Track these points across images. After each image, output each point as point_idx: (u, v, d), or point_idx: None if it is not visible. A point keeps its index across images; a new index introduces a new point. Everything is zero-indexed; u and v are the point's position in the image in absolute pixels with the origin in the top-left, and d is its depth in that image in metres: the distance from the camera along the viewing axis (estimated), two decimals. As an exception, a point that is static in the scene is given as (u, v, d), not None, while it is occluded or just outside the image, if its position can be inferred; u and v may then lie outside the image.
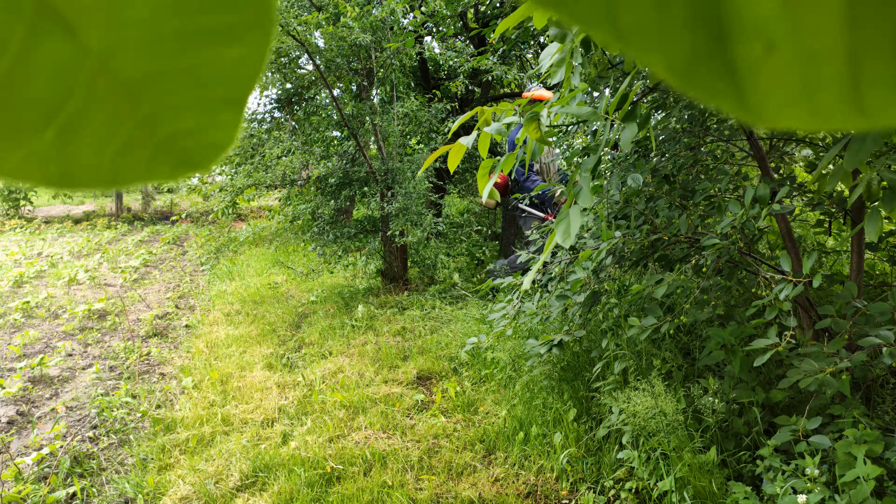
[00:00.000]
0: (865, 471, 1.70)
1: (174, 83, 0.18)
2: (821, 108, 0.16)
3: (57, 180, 0.19)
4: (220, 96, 0.19)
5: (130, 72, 0.18)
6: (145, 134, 0.19)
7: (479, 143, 1.50)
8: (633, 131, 1.23)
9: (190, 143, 0.20)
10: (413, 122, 5.79)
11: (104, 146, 0.19)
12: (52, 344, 4.77)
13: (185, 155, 0.20)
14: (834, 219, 2.67)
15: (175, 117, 0.19)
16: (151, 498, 2.60)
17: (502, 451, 2.74)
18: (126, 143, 0.19)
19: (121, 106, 0.18)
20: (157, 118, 0.19)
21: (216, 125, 0.19)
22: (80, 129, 0.19)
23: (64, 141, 0.19)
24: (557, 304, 2.59)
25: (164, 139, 0.19)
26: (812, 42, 0.16)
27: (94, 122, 0.18)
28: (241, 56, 0.18)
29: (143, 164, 0.20)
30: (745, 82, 0.16)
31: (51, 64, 0.17)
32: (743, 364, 2.14)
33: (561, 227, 1.21)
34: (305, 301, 5.59)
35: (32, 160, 0.19)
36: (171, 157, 0.20)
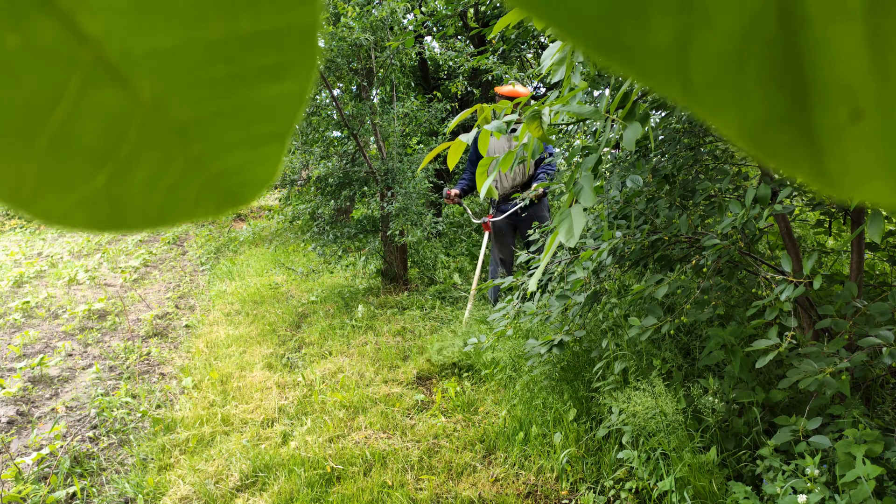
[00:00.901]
0: (865, 471, 1.70)
1: (223, 123, 0.18)
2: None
3: (106, 224, 0.19)
4: (266, 132, 0.19)
5: (181, 116, 0.18)
6: (193, 174, 0.19)
7: (478, 141, 1.50)
8: (636, 130, 1.23)
9: (236, 179, 0.20)
10: (413, 122, 5.79)
11: (153, 189, 0.19)
12: (52, 344, 4.77)
13: (230, 191, 0.20)
14: (834, 219, 2.67)
15: (223, 155, 0.19)
16: (151, 498, 2.60)
17: (502, 451, 2.74)
18: (174, 184, 0.19)
19: (171, 149, 0.18)
20: (204, 158, 0.19)
21: (261, 160, 0.19)
22: (130, 173, 0.19)
23: (114, 185, 0.19)
24: (557, 304, 2.59)
25: (211, 178, 0.19)
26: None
27: (144, 166, 0.19)
28: (286, 93, 0.18)
29: (189, 202, 0.20)
30: (824, 150, 0.15)
31: (103, 113, 0.17)
32: (743, 364, 2.14)
33: (563, 227, 1.21)
34: (305, 301, 5.59)
35: (83, 206, 0.19)
36: (216, 194, 0.20)
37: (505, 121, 1.45)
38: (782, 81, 0.15)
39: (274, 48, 0.17)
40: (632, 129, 1.24)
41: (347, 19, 4.99)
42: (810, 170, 0.16)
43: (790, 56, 0.15)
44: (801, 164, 0.16)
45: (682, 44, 0.15)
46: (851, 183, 0.16)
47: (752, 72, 0.15)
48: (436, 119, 5.81)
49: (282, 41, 0.17)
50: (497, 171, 1.40)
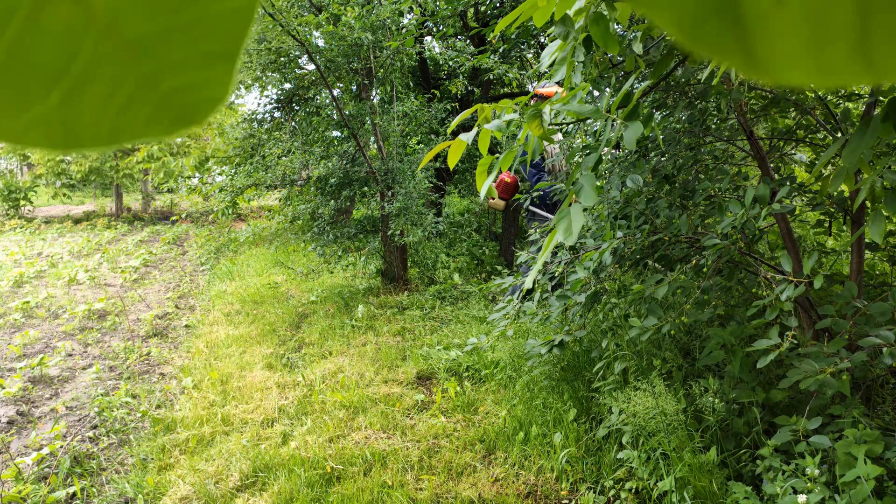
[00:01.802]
0: (865, 471, 1.70)
1: (174, 39, 0.18)
2: (829, 63, 0.16)
3: (61, 142, 0.19)
4: (216, 50, 0.19)
5: (134, 31, 0.18)
6: (146, 92, 0.19)
7: (479, 141, 1.50)
8: (637, 130, 1.23)
9: (188, 98, 0.20)
10: (413, 122, 5.79)
11: (106, 106, 0.19)
12: (52, 344, 4.77)
13: (183, 110, 0.20)
14: (834, 219, 2.67)
15: (174, 73, 0.19)
16: (151, 498, 2.60)
17: (502, 451, 2.74)
18: (127, 102, 0.19)
19: (124, 66, 0.19)
20: (157, 75, 0.19)
21: (212, 79, 0.20)
22: (83, 91, 0.19)
23: (68, 103, 0.19)
24: (558, 305, 2.59)
25: (164, 96, 0.20)
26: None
27: (97, 83, 0.19)
28: (234, 7, 0.18)
29: (142, 121, 0.20)
30: (753, 37, 0.16)
31: (58, 28, 0.18)
32: (743, 364, 2.14)
33: (562, 225, 1.21)
34: (305, 301, 5.58)
35: (37, 124, 0.19)
36: (169, 112, 0.20)
37: (505, 120, 1.45)
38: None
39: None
40: (633, 128, 1.24)
41: (348, 19, 4.99)
42: (740, 57, 0.16)
43: None
44: (732, 53, 0.16)
45: None
46: (778, 66, 0.16)
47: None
48: (436, 119, 5.81)
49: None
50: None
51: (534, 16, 1.30)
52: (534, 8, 1.35)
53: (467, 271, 6.16)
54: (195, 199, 10.26)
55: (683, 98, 2.51)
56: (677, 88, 2.49)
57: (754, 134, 2.43)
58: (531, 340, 2.77)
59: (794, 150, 2.84)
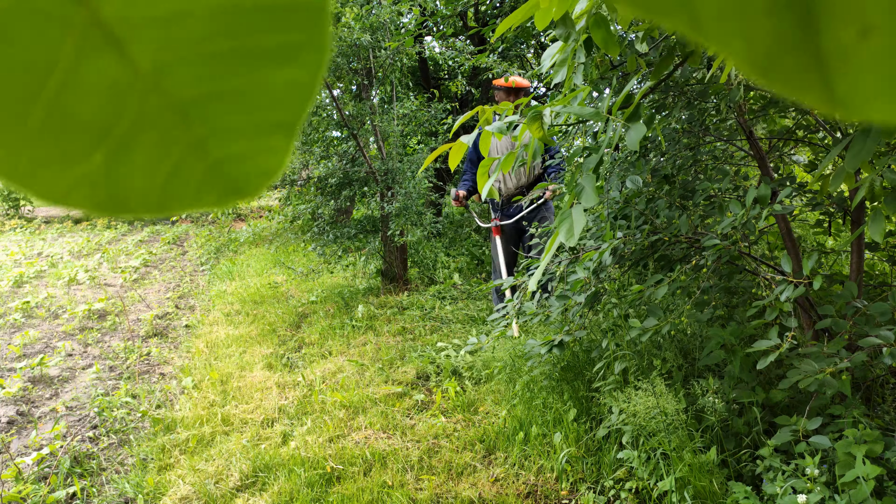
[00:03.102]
0: (865, 471, 1.71)
1: (226, 105, 0.18)
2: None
3: (107, 205, 0.19)
4: (273, 120, 0.18)
5: (182, 92, 0.17)
6: (196, 158, 0.18)
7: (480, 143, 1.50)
8: (640, 131, 1.23)
9: (239, 169, 0.19)
10: (413, 123, 5.79)
11: (154, 171, 0.18)
12: (52, 344, 4.77)
13: (234, 182, 0.19)
14: (833, 219, 2.67)
15: (226, 141, 0.18)
16: (151, 498, 2.60)
17: (502, 451, 2.74)
18: (176, 167, 0.19)
19: (172, 128, 0.18)
20: (208, 142, 0.18)
21: (266, 151, 0.19)
22: (130, 151, 0.18)
23: (114, 164, 0.18)
24: (558, 305, 2.59)
25: (214, 164, 0.19)
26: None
27: (144, 144, 0.18)
28: (295, 79, 0.17)
29: (191, 189, 0.19)
30: (832, 72, 0.15)
31: (100, 83, 0.17)
32: (743, 364, 2.14)
33: (564, 227, 1.21)
34: (305, 301, 5.59)
35: (82, 184, 0.18)
36: (219, 183, 0.19)
37: (506, 122, 1.45)
38: (788, 6, 0.15)
39: (280, 26, 0.17)
40: (636, 130, 1.24)
41: (347, 19, 4.99)
42: (819, 93, 0.15)
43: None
44: (810, 89, 0.15)
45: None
46: (860, 103, 0.15)
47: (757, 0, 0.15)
48: (436, 119, 5.81)
49: (289, 19, 0.17)
50: (500, 173, 1.40)
51: (535, 18, 1.30)
52: (534, 8, 1.35)
53: (467, 271, 6.16)
54: (195, 199, 10.25)
55: (682, 98, 2.52)
56: (676, 89, 2.49)
57: (754, 134, 2.44)
58: (531, 341, 2.78)
59: (793, 151, 2.85)
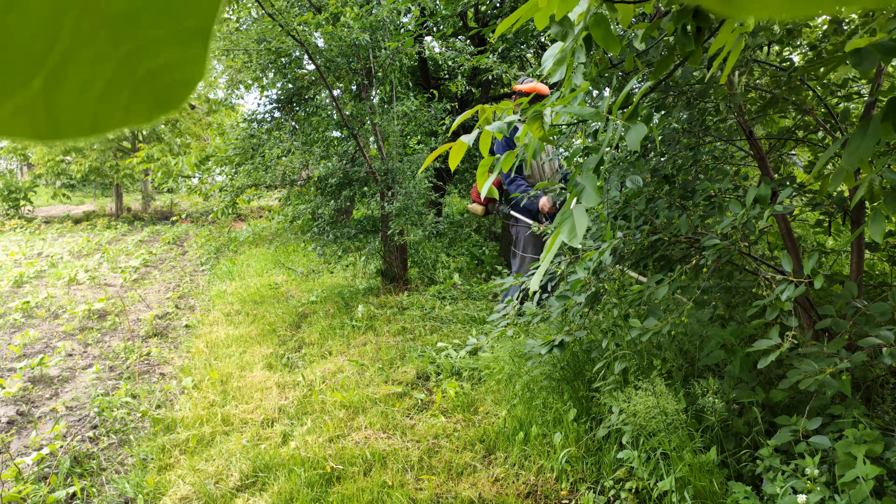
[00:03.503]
0: (865, 471, 1.71)
1: (151, 16, 0.18)
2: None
3: (45, 132, 0.19)
4: (190, 28, 0.19)
5: (113, 8, 0.18)
6: (125, 74, 0.19)
7: (479, 142, 1.50)
8: (641, 132, 1.23)
9: (164, 79, 0.20)
10: (413, 123, 5.78)
11: (87, 92, 0.19)
12: (52, 344, 4.77)
13: (160, 93, 0.20)
14: (833, 219, 2.67)
15: (151, 54, 0.19)
16: (151, 498, 2.60)
17: (502, 451, 2.74)
18: (107, 86, 0.19)
19: (104, 46, 0.18)
20: (135, 56, 0.19)
21: (187, 60, 0.19)
22: (65, 74, 0.18)
23: (51, 89, 0.18)
24: (558, 305, 2.59)
25: (142, 78, 0.19)
26: None
27: (78, 65, 0.18)
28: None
29: (121, 107, 0.20)
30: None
31: (40, 7, 0.17)
32: (743, 364, 2.14)
33: (566, 226, 1.21)
34: (305, 301, 5.58)
35: (22, 112, 0.19)
36: (147, 97, 0.20)
37: (506, 121, 1.45)
38: None
39: None
40: (636, 129, 1.24)
41: (347, 19, 4.99)
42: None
43: None
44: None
45: None
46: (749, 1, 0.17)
47: None
48: (435, 119, 5.81)
49: None
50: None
51: (535, 18, 1.30)
52: (534, 9, 1.35)
53: (467, 271, 6.16)
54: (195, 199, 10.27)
55: (682, 98, 2.52)
56: (676, 89, 2.49)
57: (754, 134, 2.44)
58: (531, 341, 2.77)
59: (793, 152, 2.85)
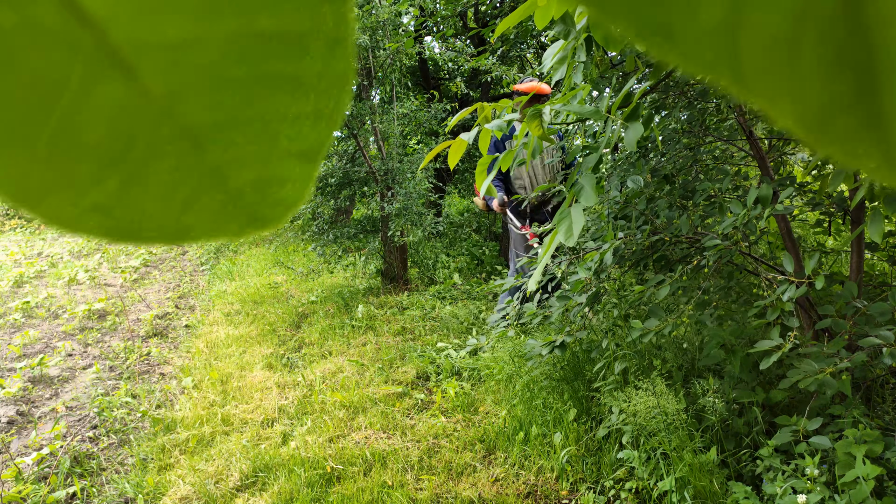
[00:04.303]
0: (865, 471, 1.70)
1: (242, 133, 0.17)
2: None
3: (121, 234, 0.18)
4: (292, 150, 0.17)
5: (196, 119, 0.17)
6: (212, 186, 0.18)
7: (479, 140, 1.50)
8: (638, 131, 1.23)
9: (259, 198, 0.18)
10: (413, 123, 5.79)
11: (170, 199, 0.18)
12: (52, 344, 4.77)
13: (254, 211, 0.19)
14: (834, 219, 2.67)
15: (243, 170, 0.18)
16: (151, 498, 2.60)
17: (502, 451, 2.74)
18: (192, 195, 0.18)
19: (186, 155, 0.17)
20: (224, 170, 0.18)
21: (286, 180, 0.18)
22: (144, 179, 0.17)
23: (127, 191, 0.17)
24: (558, 305, 2.59)
25: (233, 193, 0.18)
26: None
27: (158, 171, 0.17)
28: (315, 109, 0.17)
29: (210, 218, 0.18)
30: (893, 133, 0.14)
31: (110, 108, 0.16)
32: (743, 364, 2.14)
33: (563, 226, 1.21)
34: (305, 301, 5.58)
35: (94, 212, 0.18)
36: (239, 212, 0.18)
37: (505, 120, 1.45)
38: (844, 63, 0.13)
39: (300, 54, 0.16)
40: (633, 129, 1.24)
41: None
42: (881, 158, 0.14)
43: (853, 34, 0.13)
44: (869, 153, 0.14)
45: (732, 26, 0.13)
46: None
47: (809, 54, 0.13)
48: (436, 119, 5.81)
49: (306, 46, 0.16)
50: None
51: (535, 18, 1.30)
52: (533, 6, 1.35)
53: (467, 271, 6.16)
54: (195, 199, 10.26)
55: (683, 98, 2.51)
56: (676, 89, 2.49)
57: (754, 134, 2.43)
58: (531, 341, 2.77)
59: (794, 150, 2.84)
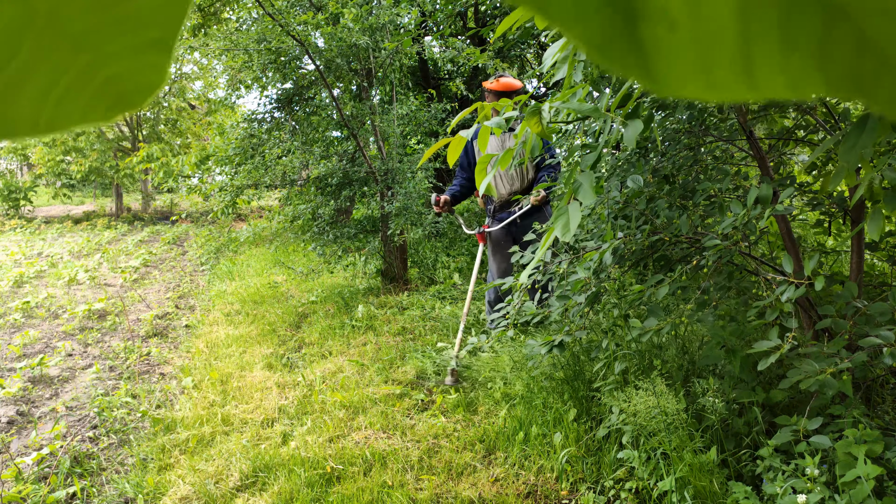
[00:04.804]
0: (865, 471, 1.70)
1: (110, 31, 0.19)
2: (717, 82, 0.19)
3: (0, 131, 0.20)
4: (150, 39, 0.20)
5: (74, 27, 0.19)
6: (84, 81, 0.20)
7: (478, 138, 1.50)
8: (637, 128, 1.23)
9: (125, 84, 0.21)
10: (413, 123, 5.78)
11: (45, 98, 0.20)
12: (52, 344, 4.77)
13: (119, 96, 0.21)
14: (834, 219, 2.66)
15: (111, 63, 0.20)
16: (151, 498, 2.60)
17: (502, 451, 2.74)
18: (65, 92, 0.20)
19: (63, 59, 0.19)
20: (94, 66, 0.20)
21: (148, 67, 0.20)
22: (23, 82, 0.19)
23: (6, 95, 0.20)
24: (558, 305, 2.59)
25: (101, 84, 0.20)
26: (708, 25, 0.18)
27: (37, 77, 0.19)
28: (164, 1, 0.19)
29: (79, 110, 0.21)
30: (651, 57, 0.19)
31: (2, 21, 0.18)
32: (743, 364, 2.14)
33: (560, 222, 1.21)
34: (305, 301, 5.58)
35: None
36: (106, 99, 0.21)
37: (505, 117, 1.45)
38: (615, 4, 0.19)
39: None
40: (633, 126, 1.24)
41: (346, 21, 4.99)
42: (642, 74, 0.19)
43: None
44: (634, 70, 0.19)
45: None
46: (673, 83, 0.19)
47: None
48: (435, 119, 5.81)
49: None
50: (494, 177, 1.41)
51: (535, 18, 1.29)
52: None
53: (467, 271, 6.16)
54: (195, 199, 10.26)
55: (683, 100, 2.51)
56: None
57: (754, 134, 2.43)
58: (531, 341, 2.77)
59: (794, 151, 2.84)
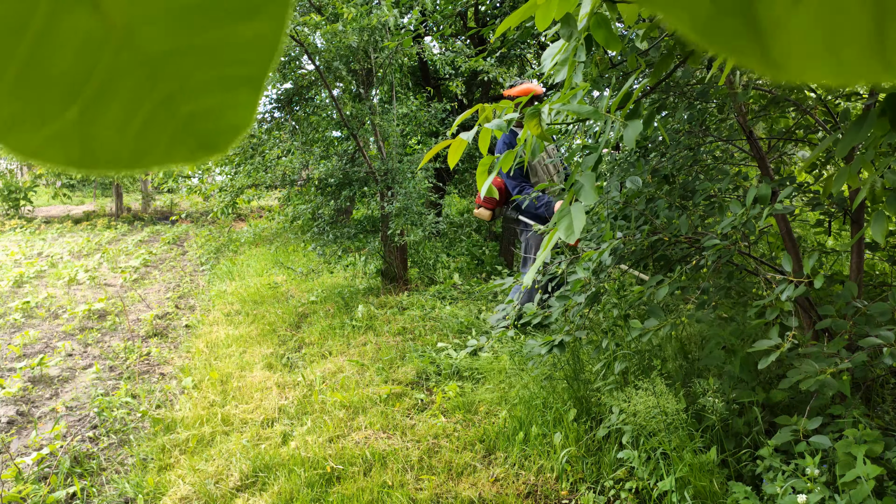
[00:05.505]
0: (865, 471, 1.70)
1: (194, 60, 0.18)
2: (845, 63, 0.16)
3: (79, 161, 0.19)
4: (239, 75, 0.19)
5: (153, 47, 0.18)
6: (166, 114, 0.19)
7: (479, 140, 1.50)
8: (637, 128, 1.23)
9: (208, 124, 0.19)
10: (413, 123, 5.79)
11: (126, 126, 0.19)
12: (52, 344, 4.77)
13: (204, 137, 0.20)
14: (834, 219, 2.67)
15: (194, 97, 0.19)
16: (151, 498, 2.60)
17: (502, 451, 2.74)
18: (146, 123, 0.19)
19: (143, 84, 0.18)
20: (176, 98, 0.19)
21: (234, 106, 0.19)
22: (102, 107, 0.18)
23: (87, 120, 0.18)
24: (558, 305, 2.59)
25: (184, 120, 0.19)
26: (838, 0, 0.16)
27: (116, 100, 0.18)
28: (260, 34, 0.18)
29: (163, 145, 0.19)
30: (768, 38, 0.16)
31: (75, 39, 0.17)
32: (743, 364, 2.14)
33: (563, 224, 1.21)
34: (305, 301, 5.58)
35: (56, 141, 0.19)
36: (190, 139, 0.20)
37: (506, 119, 1.45)
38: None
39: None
40: (632, 126, 1.24)
41: (345, 21, 4.99)
42: (756, 57, 0.17)
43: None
44: (748, 53, 0.17)
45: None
46: (794, 66, 0.17)
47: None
48: (435, 119, 5.81)
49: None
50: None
51: (536, 18, 1.30)
52: (533, 7, 1.35)
53: (467, 271, 6.16)
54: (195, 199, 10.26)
55: (683, 99, 2.51)
56: (677, 89, 2.49)
57: (754, 134, 2.43)
58: (531, 341, 2.77)
59: (794, 150, 2.84)
